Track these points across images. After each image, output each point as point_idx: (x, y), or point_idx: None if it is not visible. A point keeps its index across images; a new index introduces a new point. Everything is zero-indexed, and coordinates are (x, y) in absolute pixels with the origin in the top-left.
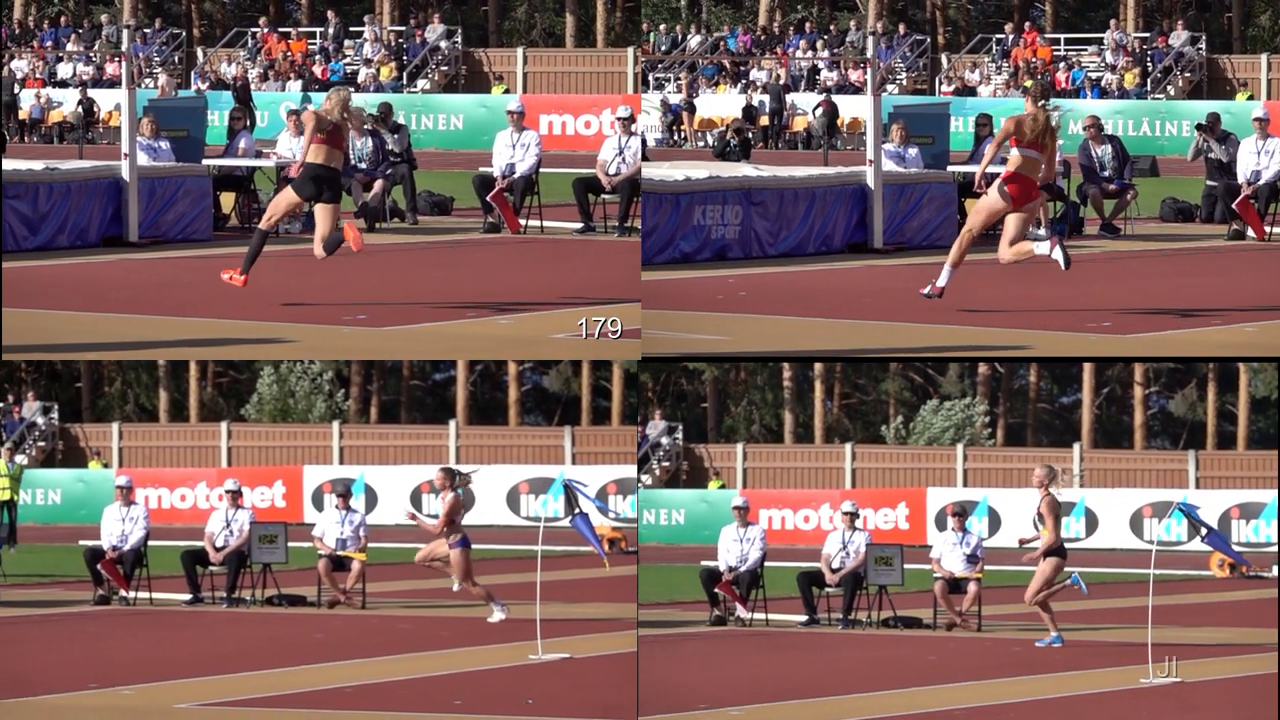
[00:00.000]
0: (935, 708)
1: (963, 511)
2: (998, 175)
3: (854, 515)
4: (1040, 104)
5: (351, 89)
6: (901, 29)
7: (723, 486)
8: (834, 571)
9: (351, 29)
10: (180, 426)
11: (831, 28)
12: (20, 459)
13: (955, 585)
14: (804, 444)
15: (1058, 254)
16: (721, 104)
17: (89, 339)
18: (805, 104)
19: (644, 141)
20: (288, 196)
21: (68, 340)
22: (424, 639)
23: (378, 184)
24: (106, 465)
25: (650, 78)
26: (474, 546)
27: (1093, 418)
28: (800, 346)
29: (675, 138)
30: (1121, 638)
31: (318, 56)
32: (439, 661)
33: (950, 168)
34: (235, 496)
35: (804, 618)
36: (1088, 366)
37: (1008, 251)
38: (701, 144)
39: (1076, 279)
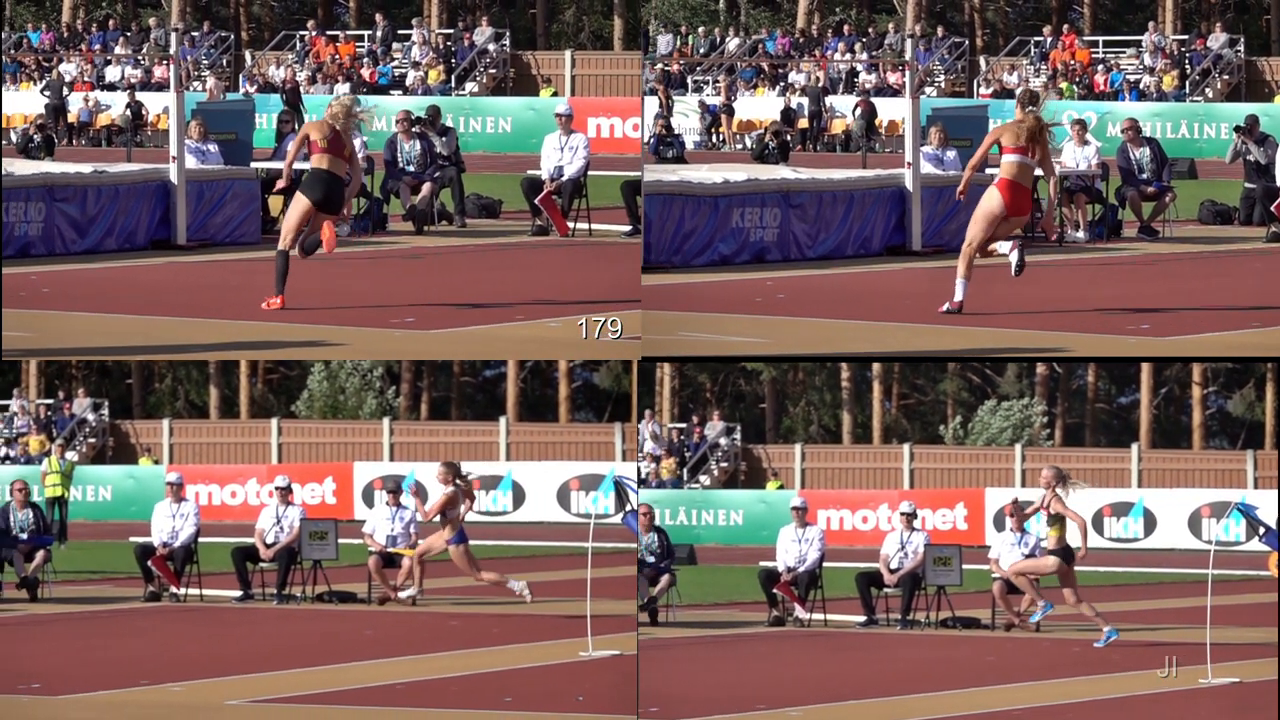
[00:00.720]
0: (994, 708)
1: (1021, 512)
2: (985, 184)
3: (912, 516)
4: (1028, 109)
5: (356, 97)
6: (940, 31)
7: (781, 487)
8: (892, 572)
9: (400, 32)
10: (231, 423)
11: (870, 30)
12: (71, 455)
13: (1013, 586)
14: (862, 444)
15: (1014, 257)
16: (760, 106)
17: (137, 342)
18: (843, 107)
19: (683, 144)
20: (300, 205)
21: (118, 343)
22: (474, 635)
23: (426, 187)
24: (157, 462)
25: (688, 80)
26: (525, 543)
27: (1151, 418)
28: (837, 349)
29: (713, 140)
30: (1179, 638)
31: (366, 59)
32: (489, 658)
33: (989, 170)
34: (285, 493)
35: (862, 618)
36: (1146, 367)
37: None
38: (740, 146)
39: (1117, 280)
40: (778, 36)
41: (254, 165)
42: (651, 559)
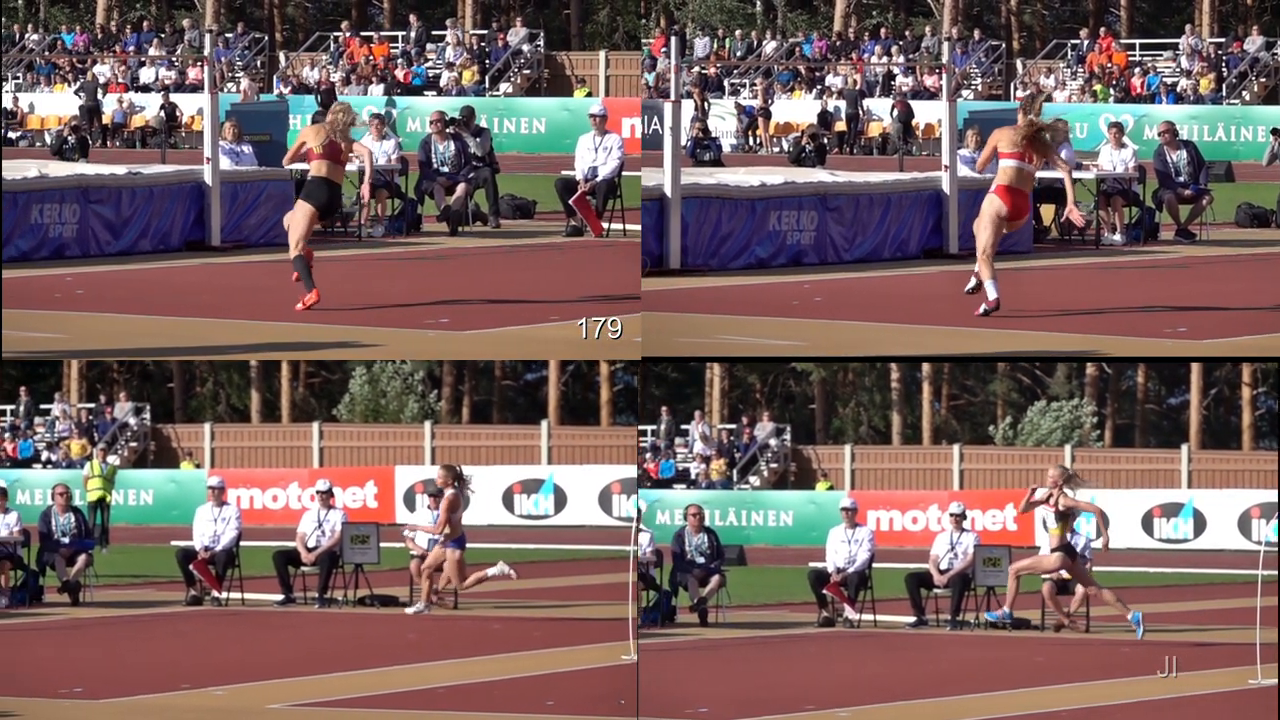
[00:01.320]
0: (1044, 709)
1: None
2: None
3: (962, 516)
4: (1030, 115)
5: (350, 107)
6: (976, 34)
7: (831, 488)
8: (942, 573)
9: (434, 32)
10: (272, 427)
11: (907, 33)
12: (113, 459)
13: (1063, 586)
14: (912, 445)
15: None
16: (797, 109)
17: (171, 343)
18: (880, 109)
19: (720, 147)
20: (304, 212)
21: (153, 345)
22: (517, 639)
23: (460, 188)
24: (198, 466)
25: (725, 83)
26: (566, 547)
27: (1200, 418)
28: (874, 351)
29: (751, 143)
30: (1229, 639)
31: (400, 60)
32: (531, 662)
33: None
34: (327, 497)
35: (912, 619)
36: (1195, 367)
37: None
38: (777, 149)
39: (1154, 283)
40: (815, 39)
41: (287, 166)
42: (701, 560)
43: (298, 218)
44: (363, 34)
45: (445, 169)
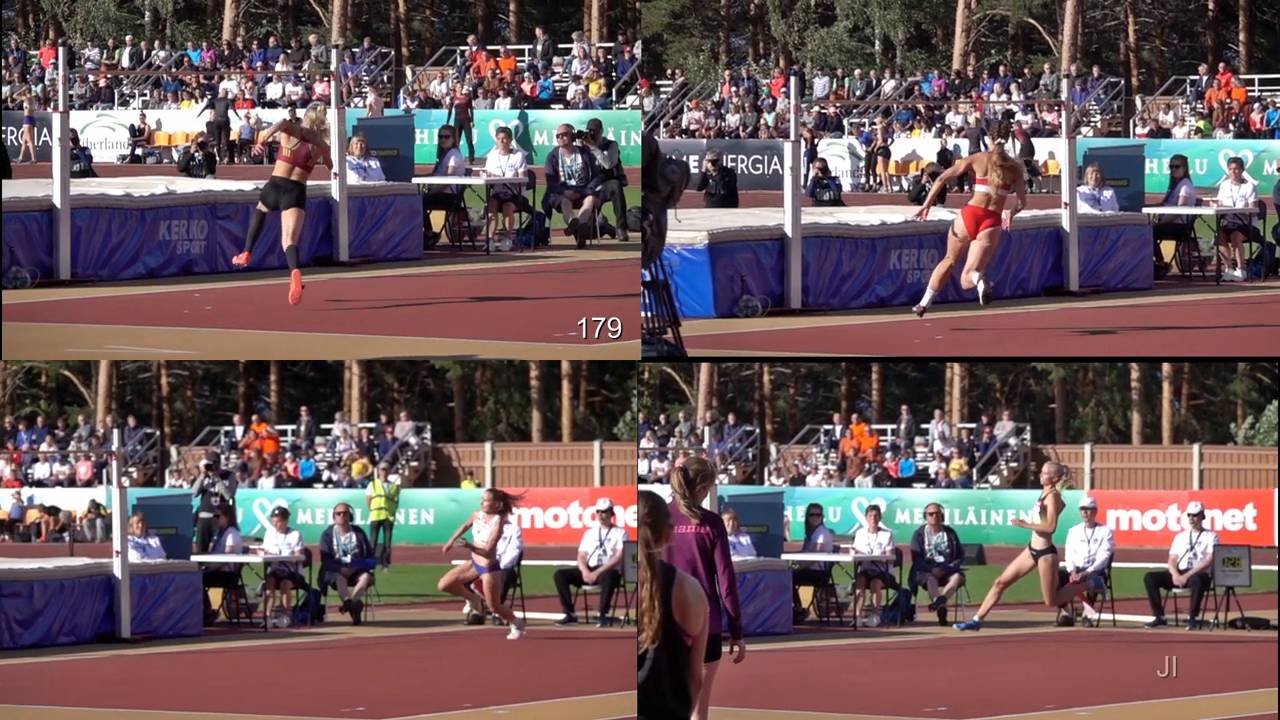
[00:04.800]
0: None
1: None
2: (954, 213)
3: (1200, 516)
4: (998, 142)
5: (326, 108)
6: (1095, 71)
7: (1070, 487)
8: (1181, 572)
9: (560, 46)
10: (553, 446)
11: (1025, 71)
12: (394, 479)
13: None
14: (1151, 445)
15: (980, 286)
16: (916, 148)
17: (307, 355)
18: None
19: (840, 187)
20: (256, 212)
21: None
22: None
23: (587, 200)
24: (479, 485)
25: (845, 122)
26: None
27: None
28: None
29: (870, 182)
30: None
31: (526, 74)
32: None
33: (1145, 209)
34: (608, 516)
35: (1151, 618)
36: None
37: (965, 277)
38: (896, 188)
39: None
40: (934, 78)
41: (415, 181)
42: (940, 559)
43: (254, 215)
44: (489, 48)
45: (572, 182)
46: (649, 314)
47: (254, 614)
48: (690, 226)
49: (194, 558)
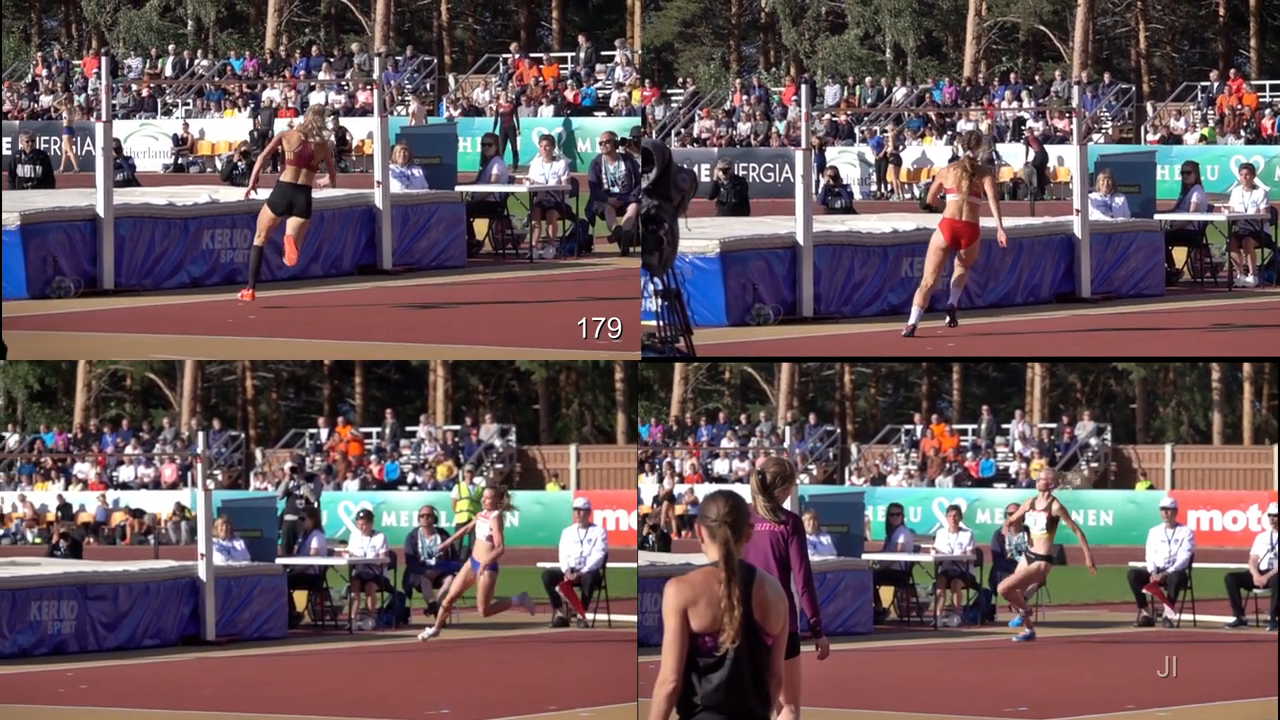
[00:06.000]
0: None
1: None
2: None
3: None
4: (968, 152)
5: (324, 108)
6: (1106, 78)
7: (1151, 487)
8: (1262, 573)
9: (603, 53)
10: (1234, 448)
11: (1036, 78)
12: (479, 481)
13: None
14: (1232, 445)
15: (954, 299)
16: (927, 155)
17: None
18: (1009, 154)
19: (851, 195)
20: (265, 215)
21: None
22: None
23: (631, 208)
24: (564, 487)
25: (856, 130)
26: None
27: None
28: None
29: (881, 189)
30: None
31: (569, 81)
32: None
33: (1157, 216)
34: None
35: (1232, 619)
36: None
37: (954, 288)
38: (908, 195)
39: None
40: (945, 85)
41: (459, 189)
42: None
43: (261, 219)
44: (531, 55)
45: (616, 189)
46: (661, 323)
47: (339, 617)
48: (702, 235)
49: (279, 560)
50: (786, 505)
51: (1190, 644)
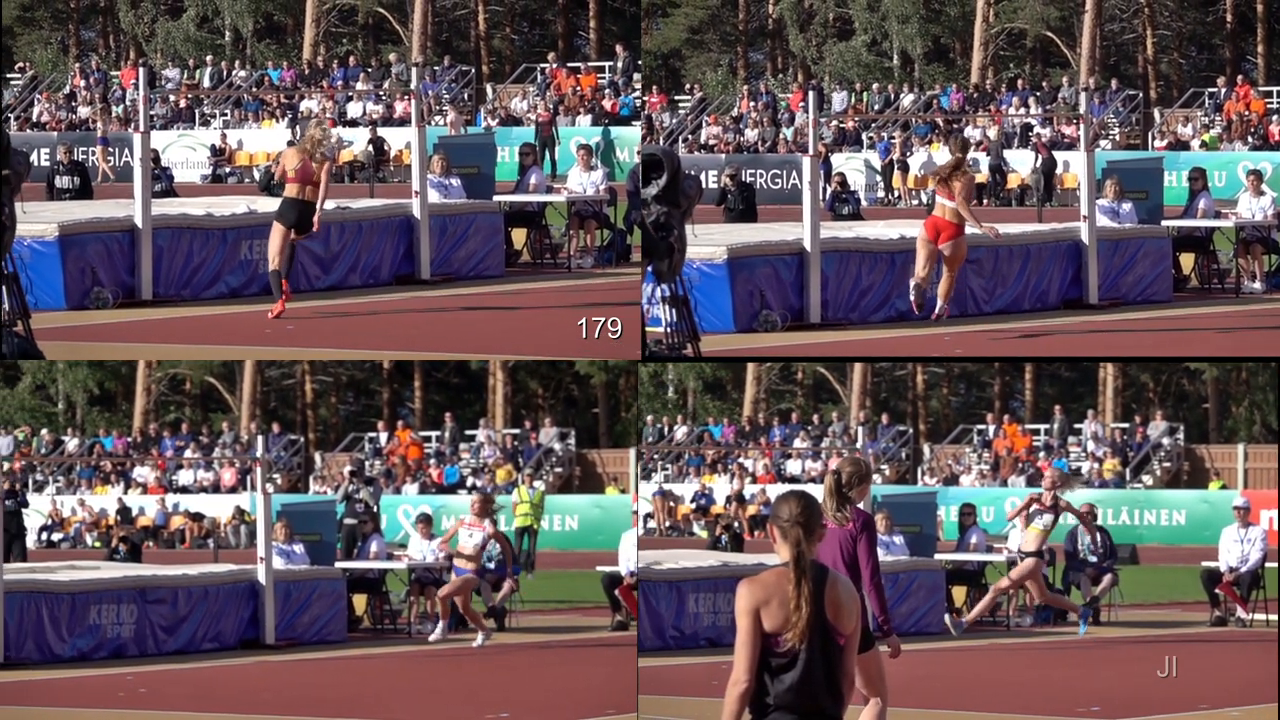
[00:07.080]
0: None
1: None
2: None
3: None
4: (956, 156)
5: (326, 128)
6: (1113, 84)
7: (1224, 487)
8: None
9: (639, 62)
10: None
11: (1044, 84)
12: (539, 485)
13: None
14: None
15: (940, 309)
16: (934, 161)
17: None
18: (1017, 161)
19: (858, 201)
20: (277, 229)
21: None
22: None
23: None
24: (623, 491)
25: (863, 137)
26: None
27: None
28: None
29: (888, 196)
30: None
31: (607, 90)
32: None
33: (1164, 222)
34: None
35: None
36: None
37: (941, 299)
38: (915, 202)
39: None
40: (952, 91)
41: (496, 199)
42: (1094, 558)
43: (273, 235)
44: (569, 65)
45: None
46: (669, 329)
47: (398, 620)
48: (709, 241)
49: (338, 564)
50: (861, 506)
51: (1263, 644)
